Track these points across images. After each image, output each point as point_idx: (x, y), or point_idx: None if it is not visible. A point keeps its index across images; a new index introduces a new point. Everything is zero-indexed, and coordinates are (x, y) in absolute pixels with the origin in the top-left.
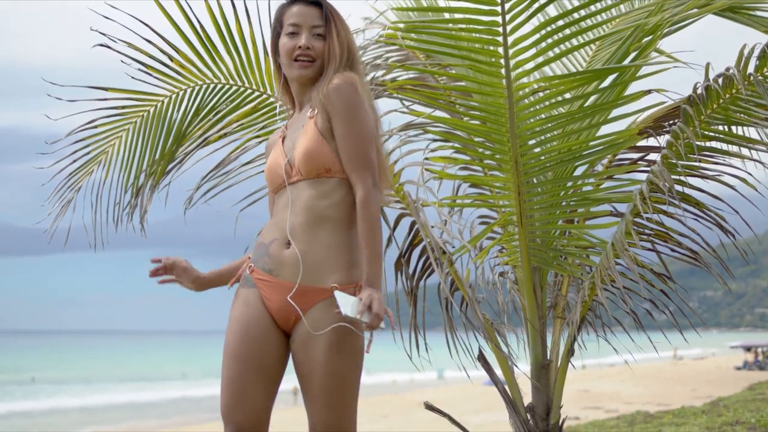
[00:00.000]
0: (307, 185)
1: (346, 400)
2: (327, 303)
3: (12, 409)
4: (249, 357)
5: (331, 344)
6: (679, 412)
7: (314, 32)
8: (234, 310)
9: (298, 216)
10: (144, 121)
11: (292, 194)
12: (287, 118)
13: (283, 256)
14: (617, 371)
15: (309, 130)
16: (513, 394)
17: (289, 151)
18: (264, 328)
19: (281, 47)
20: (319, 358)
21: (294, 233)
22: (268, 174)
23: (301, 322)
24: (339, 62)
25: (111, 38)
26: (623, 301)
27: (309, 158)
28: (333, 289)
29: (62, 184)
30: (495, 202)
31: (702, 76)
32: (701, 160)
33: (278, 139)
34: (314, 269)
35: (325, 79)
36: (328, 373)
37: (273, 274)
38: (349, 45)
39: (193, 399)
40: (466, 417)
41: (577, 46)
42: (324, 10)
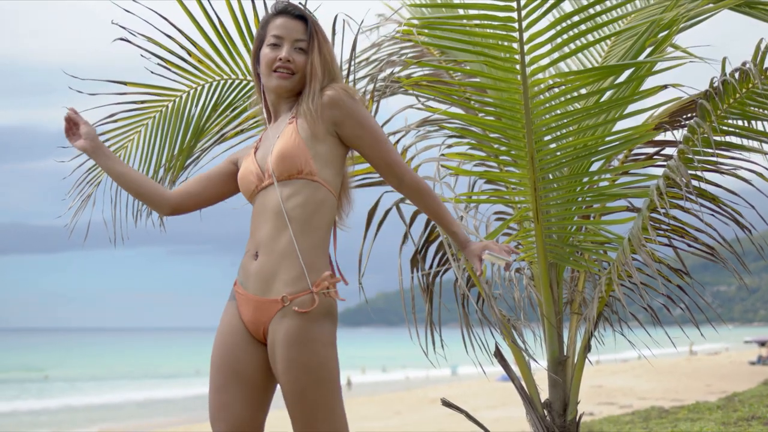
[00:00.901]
0: (279, 187)
1: (321, 416)
2: (281, 315)
3: (17, 408)
4: (228, 368)
5: (289, 359)
6: (694, 407)
7: (296, 46)
8: (219, 323)
9: (267, 223)
10: (163, 116)
11: (263, 199)
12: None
13: (250, 269)
14: (630, 366)
15: (287, 133)
16: (530, 391)
17: (261, 159)
18: (241, 339)
19: (262, 57)
20: (282, 378)
21: (261, 244)
22: (240, 182)
23: (268, 336)
24: (321, 78)
25: (131, 32)
26: (640, 296)
27: (284, 158)
28: (284, 300)
29: (82, 178)
30: (511, 198)
31: (717, 71)
32: (717, 155)
33: (251, 150)
34: (268, 281)
35: (309, 94)
36: (292, 393)
37: (244, 286)
38: (331, 62)
39: (205, 396)
40: (481, 413)
41: (592, 42)
42: (308, 26)
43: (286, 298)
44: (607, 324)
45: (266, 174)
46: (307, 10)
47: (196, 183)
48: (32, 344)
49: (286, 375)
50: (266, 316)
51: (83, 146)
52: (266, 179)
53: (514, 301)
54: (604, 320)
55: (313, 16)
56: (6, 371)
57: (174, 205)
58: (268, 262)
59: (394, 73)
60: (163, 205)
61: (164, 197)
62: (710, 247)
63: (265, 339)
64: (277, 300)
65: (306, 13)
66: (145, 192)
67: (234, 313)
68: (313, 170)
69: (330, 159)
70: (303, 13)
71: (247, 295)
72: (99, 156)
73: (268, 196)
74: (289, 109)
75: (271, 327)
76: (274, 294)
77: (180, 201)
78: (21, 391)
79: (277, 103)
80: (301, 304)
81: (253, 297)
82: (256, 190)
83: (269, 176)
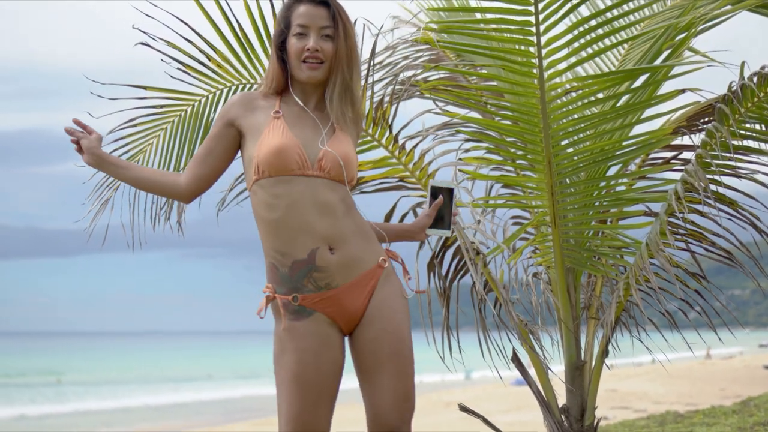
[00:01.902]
0: (326, 185)
1: (412, 368)
2: (384, 277)
3: (30, 412)
4: (322, 387)
5: (399, 312)
6: (710, 411)
7: (323, 33)
8: (296, 340)
9: (325, 217)
10: (182, 121)
11: (307, 189)
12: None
13: (334, 263)
14: (644, 370)
15: (346, 142)
16: (547, 396)
17: (308, 147)
18: (336, 352)
19: (289, 47)
20: (392, 327)
21: (333, 237)
22: (275, 154)
23: (371, 303)
24: (347, 65)
25: (151, 36)
26: (657, 301)
27: (350, 163)
28: (384, 262)
29: (101, 182)
30: (528, 202)
31: (735, 75)
32: (735, 159)
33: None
34: (354, 263)
35: (336, 86)
36: (400, 341)
37: (332, 286)
38: (354, 48)
39: (218, 401)
40: (495, 417)
41: (609, 46)
42: (332, 10)
43: (383, 260)
44: (624, 329)
45: (316, 166)
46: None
47: (202, 163)
48: (45, 348)
49: (398, 329)
50: (369, 288)
51: (85, 161)
52: (312, 170)
53: (531, 306)
54: (622, 325)
55: (336, 1)
56: (19, 375)
57: (191, 194)
58: (348, 249)
59: (412, 76)
60: (182, 197)
61: (179, 190)
62: (727, 252)
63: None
64: (377, 266)
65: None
66: (162, 191)
67: (319, 326)
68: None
69: None
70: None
71: (339, 291)
72: (105, 167)
73: (314, 189)
74: (319, 96)
75: (376, 292)
76: (366, 266)
77: (195, 188)
78: (35, 395)
79: (306, 91)
80: (391, 263)
81: (348, 285)
82: (294, 173)
83: (320, 169)
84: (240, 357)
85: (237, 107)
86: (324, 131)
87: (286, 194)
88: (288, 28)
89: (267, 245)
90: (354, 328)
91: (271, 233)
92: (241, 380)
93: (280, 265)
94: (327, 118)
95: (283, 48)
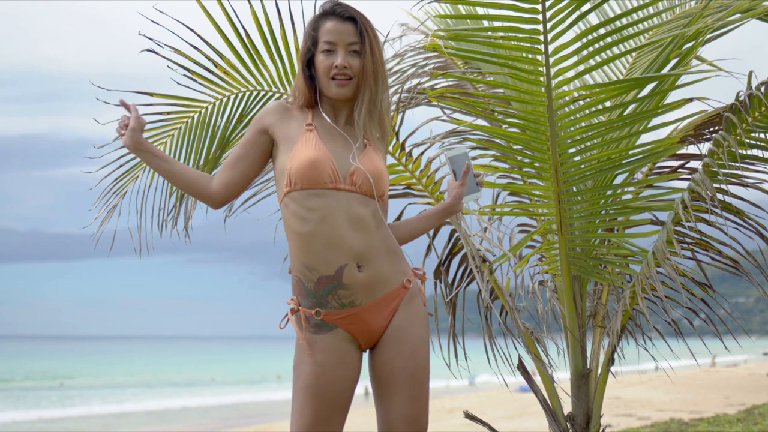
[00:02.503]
0: (358, 199)
1: (427, 391)
2: (407, 299)
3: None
4: (335, 401)
5: (418, 338)
6: (714, 420)
7: (350, 49)
8: (315, 353)
9: (358, 232)
10: (188, 127)
11: (340, 203)
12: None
13: (360, 281)
14: (648, 378)
15: (377, 156)
16: (553, 404)
17: (340, 161)
18: (352, 368)
19: (318, 64)
20: (409, 351)
21: (363, 254)
22: (307, 166)
23: (391, 324)
24: (374, 83)
25: (158, 43)
26: (663, 309)
27: (381, 178)
28: (408, 283)
29: (108, 189)
30: (535, 210)
31: (743, 84)
32: (742, 168)
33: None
34: (379, 282)
35: (364, 102)
36: (417, 365)
37: (356, 304)
38: (382, 63)
39: (220, 406)
40: (498, 423)
41: (618, 55)
42: (359, 26)
43: (408, 281)
44: (629, 337)
45: (348, 180)
46: (354, 9)
47: (233, 168)
48: (48, 352)
49: (416, 353)
50: (391, 308)
51: (124, 143)
52: (345, 184)
53: (537, 314)
54: (627, 333)
55: (362, 16)
56: (22, 379)
57: (221, 199)
58: (380, 267)
59: (419, 84)
60: (212, 201)
61: (210, 194)
62: (734, 260)
63: (378, 338)
64: (402, 286)
65: (355, 14)
66: (193, 190)
67: (338, 342)
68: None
69: None
70: (352, 15)
71: (362, 310)
72: (141, 153)
73: (347, 203)
74: (348, 112)
75: (397, 314)
76: (390, 286)
77: (225, 193)
78: (38, 399)
79: (336, 107)
80: (416, 285)
81: (372, 303)
82: (326, 186)
83: (352, 183)
84: (243, 362)
85: (272, 115)
86: (355, 146)
87: (320, 207)
88: (315, 44)
89: (295, 260)
90: (373, 345)
91: (301, 247)
92: (244, 385)
93: (306, 280)
94: (357, 133)
95: (310, 64)
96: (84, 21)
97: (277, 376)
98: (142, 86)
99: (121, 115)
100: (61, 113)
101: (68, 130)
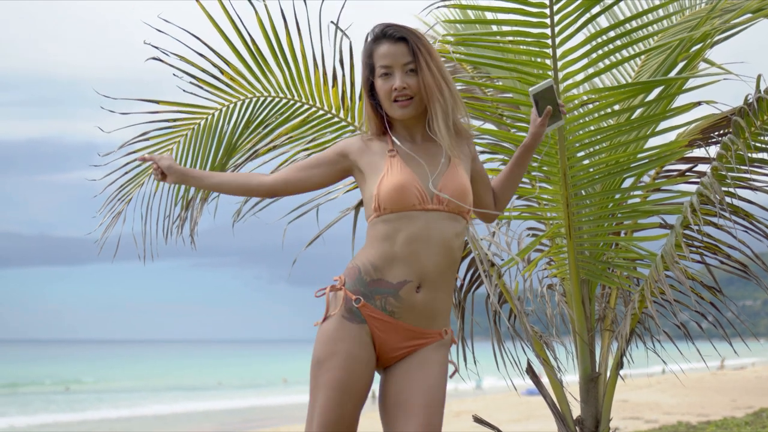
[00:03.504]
0: (446, 218)
1: (440, 421)
2: (438, 344)
3: (34, 420)
4: (353, 389)
5: (440, 370)
6: (722, 423)
7: (406, 69)
8: (342, 342)
9: (436, 255)
10: (195, 134)
11: (426, 224)
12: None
13: (414, 302)
14: (656, 381)
15: (461, 171)
16: (562, 407)
17: (425, 180)
18: (368, 363)
19: (378, 90)
20: (430, 377)
21: (426, 277)
22: (395, 191)
23: (414, 355)
24: (439, 93)
25: (163, 51)
26: (672, 313)
27: (466, 194)
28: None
29: (113, 195)
30: (543, 214)
31: (751, 87)
32: (751, 172)
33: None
34: (433, 316)
35: (438, 117)
36: (437, 391)
37: (395, 316)
38: (441, 72)
39: (227, 410)
40: (505, 426)
41: (627, 58)
42: (411, 45)
43: (446, 332)
44: (638, 340)
45: (435, 199)
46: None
47: (299, 170)
48: (55, 356)
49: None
50: (419, 343)
51: (170, 182)
52: (433, 204)
53: (546, 318)
54: (636, 336)
55: (413, 32)
56: (28, 383)
57: (271, 190)
58: (436, 300)
59: None
60: (261, 192)
61: (262, 185)
62: (742, 264)
63: (396, 361)
64: (439, 333)
65: (405, 33)
66: (246, 191)
67: (361, 336)
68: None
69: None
70: (403, 35)
71: (398, 324)
72: (189, 180)
73: (434, 223)
74: (423, 128)
75: (421, 352)
76: (437, 327)
77: (277, 187)
78: (44, 403)
79: (408, 126)
80: (449, 338)
81: (411, 328)
82: (415, 208)
83: (439, 202)
84: (249, 366)
85: (355, 147)
86: (441, 162)
87: (406, 228)
88: (372, 71)
89: (364, 256)
90: (383, 367)
91: (377, 254)
92: (251, 389)
93: (365, 273)
94: (439, 149)
95: (372, 91)
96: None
97: (284, 380)
98: (147, 90)
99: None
100: (65, 117)
101: (72, 134)
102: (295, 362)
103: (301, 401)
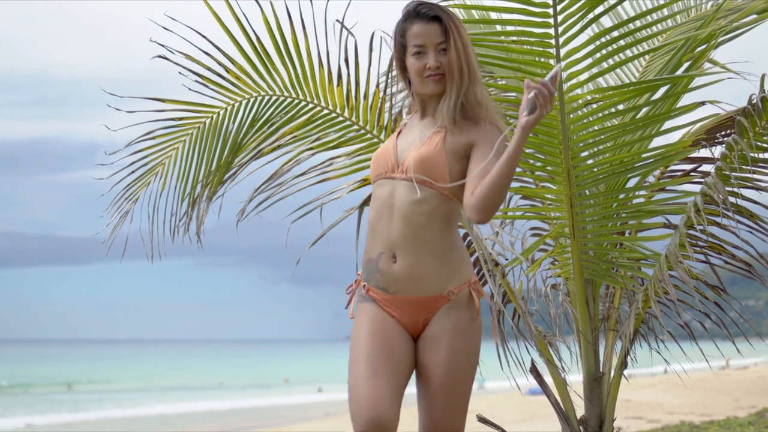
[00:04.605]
0: (407, 186)
1: (462, 400)
2: (448, 307)
3: (36, 420)
4: (382, 356)
5: (453, 347)
6: (725, 422)
7: (439, 48)
8: (360, 323)
9: (397, 222)
10: (200, 132)
11: (390, 192)
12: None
13: (392, 272)
14: (658, 380)
15: (434, 142)
16: (566, 407)
17: (401, 151)
18: (394, 330)
19: (410, 67)
20: (442, 359)
21: (397, 244)
22: (375, 159)
23: (428, 327)
24: (459, 78)
25: (169, 49)
26: (677, 313)
27: (425, 164)
28: (451, 294)
29: (120, 195)
30: (547, 213)
31: (754, 86)
32: (755, 172)
33: (395, 134)
34: (427, 281)
35: (452, 96)
36: (449, 374)
37: (389, 291)
38: (467, 51)
39: (229, 410)
40: (508, 426)
41: (631, 58)
42: (444, 24)
43: (451, 293)
44: (642, 340)
45: (400, 168)
46: (438, 7)
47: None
48: (57, 355)
49: (449, 362)
50: (429, 312)
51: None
52: (397, 173)
53: (550, 317)
54: (640, 336)
55: (446, 11)
56: (30, 383)
57: None
58: (417, 264)
59: None
60: None
61: None
62: (747, 263)
63: (419, 333)
64: (443, 296)
65: (439, 12)
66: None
67: (377, 310)
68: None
69: (462, 176)
70: (436, 14)
71: (396, 298)
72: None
73: (396, 191)
74: (436, 105)
75: (435, 320)
76: (435, 291)
77: None
78: (46, 403)
79: (427, 102)
80: (464, 296)
81: (405, 298)
82: (383, 175)
83: (402, 172)
84: (252, 366)
85: None
86: (424, 137)
87: (377, 197)
88: (404, 49)
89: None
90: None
91: (368, 230)
92: (253, 389)
93: (364, 256)
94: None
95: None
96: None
97: (285, 380)
98: (149, 90)
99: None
100: (69, 117)
101: (76, 134)
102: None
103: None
